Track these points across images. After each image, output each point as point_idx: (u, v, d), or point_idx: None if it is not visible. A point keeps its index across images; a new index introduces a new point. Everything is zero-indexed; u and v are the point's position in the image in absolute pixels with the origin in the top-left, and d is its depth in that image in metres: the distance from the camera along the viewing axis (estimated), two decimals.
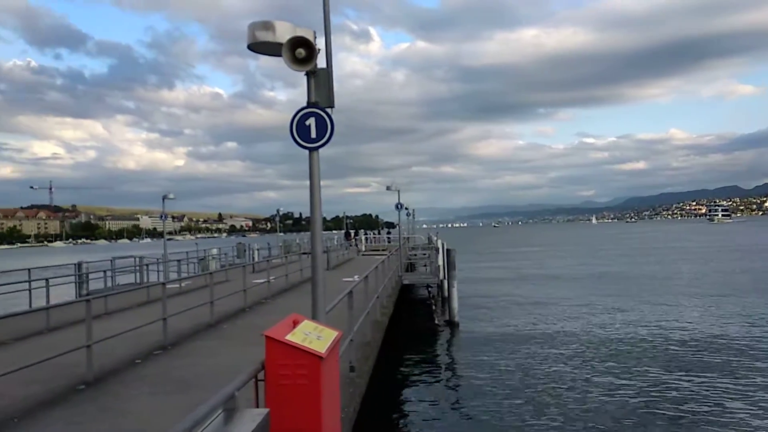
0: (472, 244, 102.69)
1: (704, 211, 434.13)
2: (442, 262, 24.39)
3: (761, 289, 29.06)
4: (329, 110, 6.28)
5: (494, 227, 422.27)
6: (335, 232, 59.68)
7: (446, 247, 24.54)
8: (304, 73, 6.19)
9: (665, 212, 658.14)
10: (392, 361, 15.57)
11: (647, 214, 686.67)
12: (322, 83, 6.31)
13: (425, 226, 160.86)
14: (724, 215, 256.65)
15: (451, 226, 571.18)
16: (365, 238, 52.36)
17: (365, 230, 69.47)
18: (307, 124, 6.21)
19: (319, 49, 6.11)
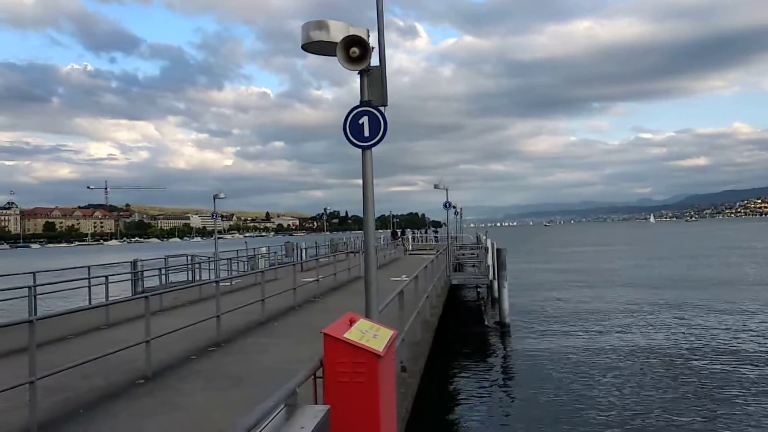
0: (522, 243, 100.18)
1: None
2: (492, 261, 24.09)
3: None
4: (382, 108, 6.27)
5: (545, 226, 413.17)
6: (381, 231, 59.59)
7: (496, 246, 24.23)
8: (357, 72, 6.20)
9: (728, 210, 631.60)
10: (443, 362, 15.39)
11: (708, 212, 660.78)
12: (375, 82, 6.27)
13: (473, 225, 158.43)
14: None
15: (500, 225, 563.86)
16: (412, 237, 52.27)
17: (412, 229, 69.40)
18: (360, 122, 6.21)
19: (372, 47, 6.10)
